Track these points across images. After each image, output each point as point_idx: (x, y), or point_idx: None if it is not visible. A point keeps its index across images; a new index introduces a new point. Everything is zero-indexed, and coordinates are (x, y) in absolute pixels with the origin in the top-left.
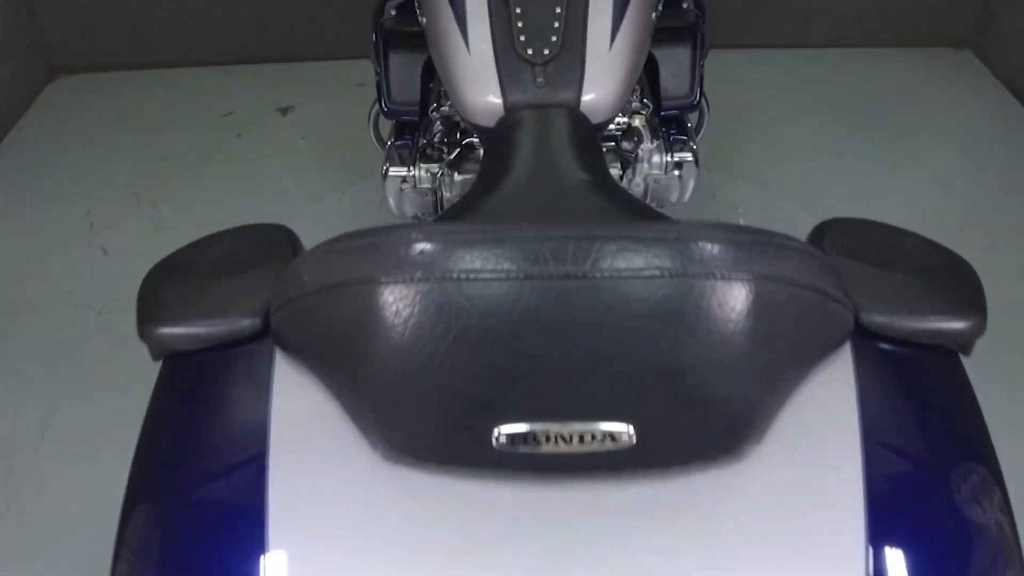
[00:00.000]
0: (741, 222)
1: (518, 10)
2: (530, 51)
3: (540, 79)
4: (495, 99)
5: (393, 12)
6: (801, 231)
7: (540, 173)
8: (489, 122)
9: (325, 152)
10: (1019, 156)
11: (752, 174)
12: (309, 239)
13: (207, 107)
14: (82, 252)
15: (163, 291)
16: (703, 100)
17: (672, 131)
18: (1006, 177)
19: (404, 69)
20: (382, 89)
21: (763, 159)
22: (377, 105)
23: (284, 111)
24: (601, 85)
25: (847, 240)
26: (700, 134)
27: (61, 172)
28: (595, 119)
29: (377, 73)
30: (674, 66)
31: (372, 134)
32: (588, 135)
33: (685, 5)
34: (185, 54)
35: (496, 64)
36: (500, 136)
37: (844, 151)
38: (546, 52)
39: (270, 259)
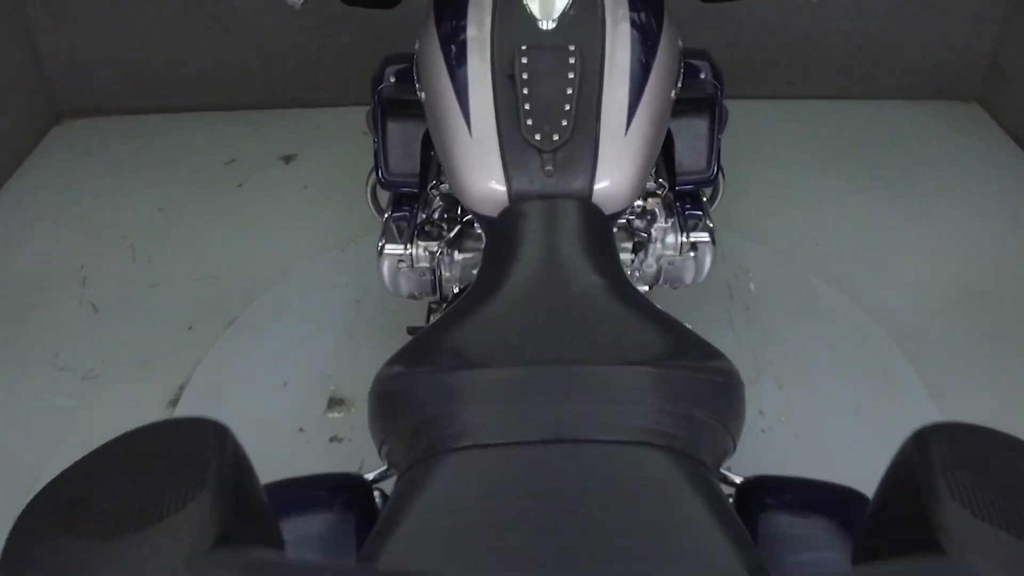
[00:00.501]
0: (752, 288)
1: (525, 90)
2: (538, 136)
3: (548, 166)
4: (498, 187)
5: (393, 79)
6: (816, 298)
7: (547, 274)
8: (491, 211)
9: (327, 203)
10: None
11: (762, 233)
12: (307, 301)
13: (209, 154)
14: (72, 309)
15: (33, 555)
16: (719, 173)
17: (686, 205)
18: None
19: (403, 139)
20: (379, 158)
21: (772, 216)
22: (374, 174)
23: (287, 159)
24: (616, 173)
25: (961, 468)
26: (715, 204)
27: (59, 221)
28: (608, 210)
29: (375, 141)
30: (691, 140)
31: (370, 203)
32: (600, 229)
33: (703, 75)
34: (190, 98)
35: (500, 149)
36: (503, 228)
37: (855, 207)
38: (555, 137)
39: (188, 487)
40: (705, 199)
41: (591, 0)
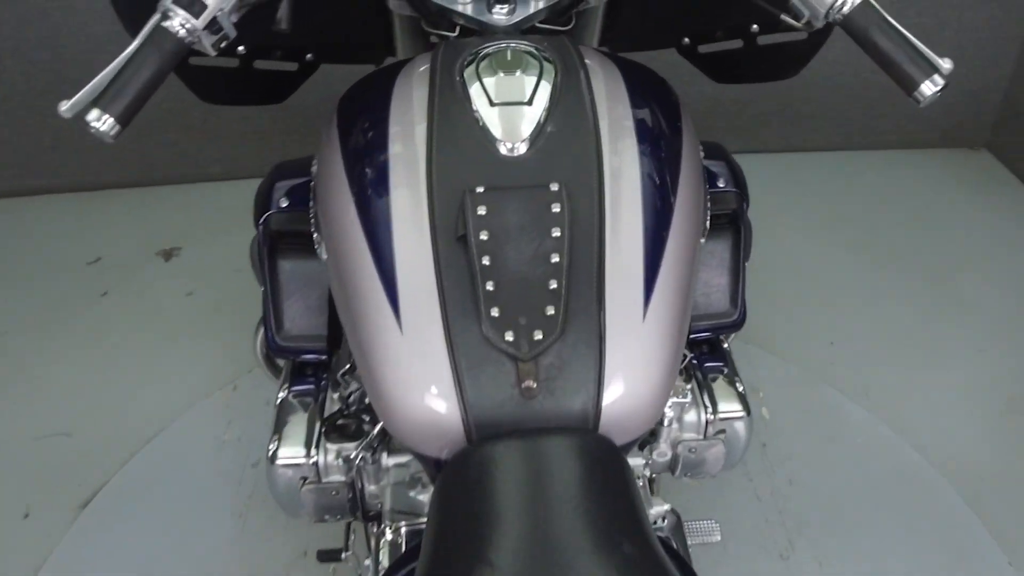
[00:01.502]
0: (765, 414)
1: (485, 259)
2: (510, 334)
3: (529, 381)
4: (449, 415)
5: (285, 202)
6: (845, 425)
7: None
8: (439, 451)
9: (218, 314)
10: None
11: (765, 334)
12: (188, 469)
13: (67, 252)
14: None
15: None
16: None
17: (703, 355)
18: None
19: (301, 288)
20: (268, 315)
21: (772, 307)
22: (262, 331)
23: (167, 254)
24: (633, 381)
25: None
26: (728, 340)
27: None
28: (623, 438)
29: (262, 289)
30: (709, 272)
31: (260, 360)
32: (617, 477)
33: (721, 183)
34: (41, 178)
35: (451, 356)
36: (459, 483)
37: (867, 288)
38: (537, 335)
39: None
40: (725, 344)
41: (576, 106)
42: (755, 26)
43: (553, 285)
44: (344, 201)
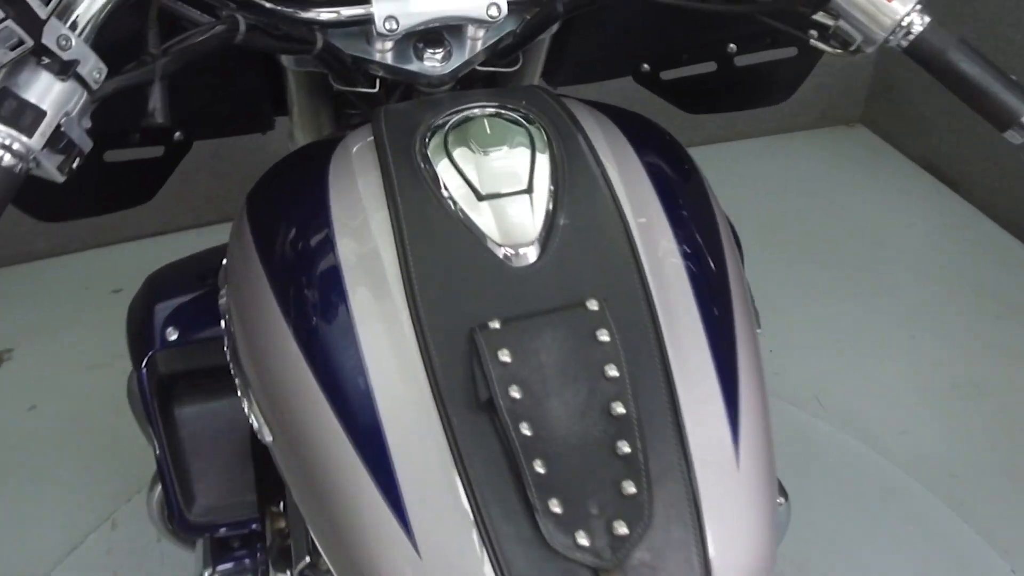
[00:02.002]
0: None
1: (525, 428)
2: (583, 537)
3: None
4: None
5: (173, 335)
6: (809, 438)
7: None
8: None
9: (75, 430)
10: (976, 259)
11: None
12: None
13: None
14: None
15: None
16: None
17: None
18: (998, 301)
19: (212, 439)
20: (170, 485)
21: None
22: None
23: None
24: (742, 551)
25: None
26: None
27: None
28: None
29: (155, 452)
30: None
31: (164, 533)
32: None
33: None
34: None
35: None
36: None
37: (789, 284)
38: (620, 529)
39: None
40: None
41: (589, 185)
42: (732, 46)
43: (624, 448)
44: (287, 357)
